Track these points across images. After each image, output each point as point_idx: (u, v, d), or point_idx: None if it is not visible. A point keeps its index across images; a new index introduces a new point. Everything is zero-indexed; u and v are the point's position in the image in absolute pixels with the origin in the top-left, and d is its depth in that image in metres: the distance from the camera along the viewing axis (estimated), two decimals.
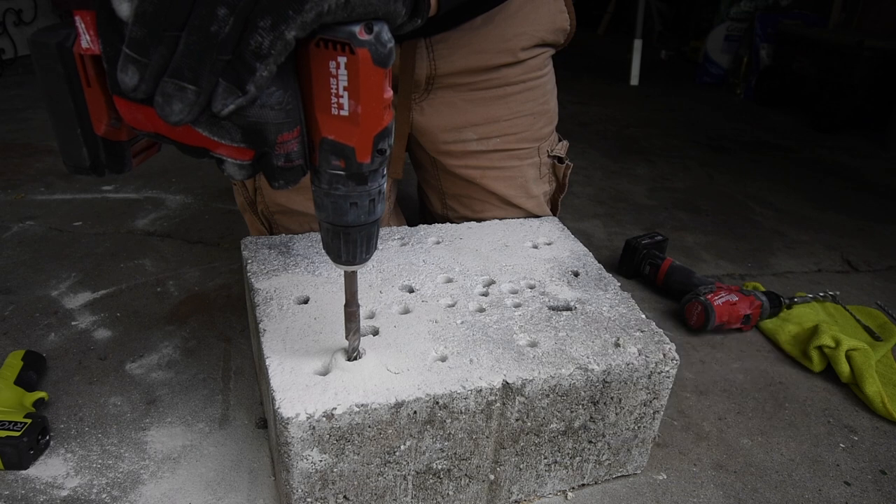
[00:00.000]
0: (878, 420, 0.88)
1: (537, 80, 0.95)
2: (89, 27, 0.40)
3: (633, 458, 0.73)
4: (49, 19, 2.45)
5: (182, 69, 0.37)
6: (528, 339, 0.67)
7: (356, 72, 0.41)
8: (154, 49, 0.37)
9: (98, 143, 0.45)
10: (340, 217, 0.48)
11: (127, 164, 0.48)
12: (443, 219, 1.05)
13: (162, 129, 0.42)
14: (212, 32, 0.36)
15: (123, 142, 0.46)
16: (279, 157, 0.43)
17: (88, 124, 0.44)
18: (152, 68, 0.38)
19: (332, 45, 0.40)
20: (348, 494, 0.60)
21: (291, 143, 0.43)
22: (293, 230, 0.93)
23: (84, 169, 0.46)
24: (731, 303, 1.02)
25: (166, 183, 1.49)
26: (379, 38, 0.40)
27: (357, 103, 0.42)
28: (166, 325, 0.97)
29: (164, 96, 0.38)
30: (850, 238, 1.46)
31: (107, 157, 0.46)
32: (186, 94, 0.38)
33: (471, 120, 0.93)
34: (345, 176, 0.45)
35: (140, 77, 0.38)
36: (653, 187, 1.70)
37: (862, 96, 2.25)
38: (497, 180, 0.97)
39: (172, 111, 0.38)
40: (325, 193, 0.47)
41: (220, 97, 0.38)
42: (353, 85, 0.41)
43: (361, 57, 0.40)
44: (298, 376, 0.59)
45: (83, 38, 0.41)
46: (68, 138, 0.45)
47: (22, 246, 1.18)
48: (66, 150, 0.45)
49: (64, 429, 0.76)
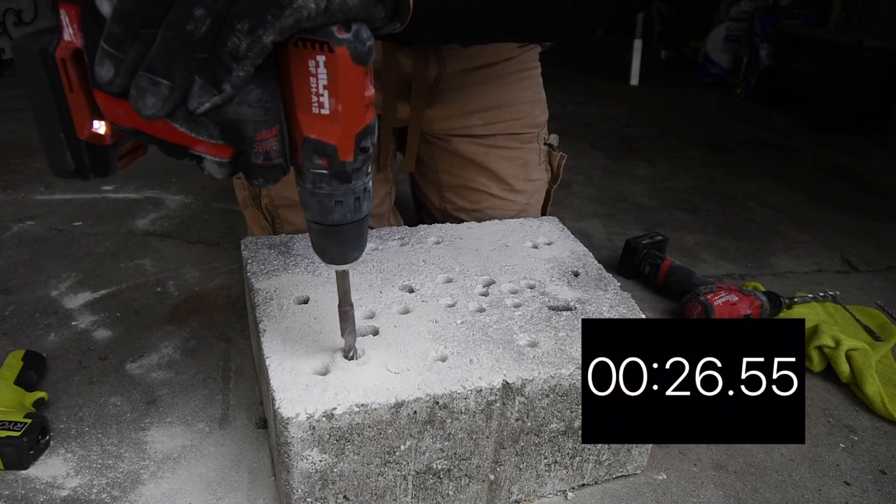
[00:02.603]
0: (878, 420, 0.88)
1: (531, 70, 1.03)
2: (73, 21, 0.40)
3: (633, 457, 0.73)
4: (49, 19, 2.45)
5: (156, 64, 0.38)
6: (528, 339, 0.67)
7: (335, 70, 0.41)
8: (130, 45, 0.38)
9: (82, 148, 0.45)
10: (326, 216, 0.48)
11: (111, 167, 0.48)
12: (441, 213, 1.06)
13: (140, 124, 0.43)
14: (188, 31, 0.37)
15: (108, 146, 0.47)
16: (258, 154, 0.43)
17: (72, 129, 0.44)
18: (127, 63, 0.38)
19: (311, 44, 0.40)
20: (348, 494, 0.60)
21: (270, 141, 0.43)
22: (297, 223, 0.94)
23: (68, 173, 0.46)
24: (731, 303, 1.02)
25: (166, 183, 1.49)
26: (358, 36, 0.41)
27: (338, 102, 0.42)
28: (166, 325, 0.97)
29: (138, 89, 0.38)
30: (850, 238, 1.46)
31: (91, 161, 0.46)
32: (160, 88, 0.38)
33: (476, 107, 0.98)
34: (328, 175, 0.45)
35: (115, 71, 0.39)
36: (653, 187, 1.70)
37: (862, 96, 2.25)
38: (501, 160, 1.01)
39: (146, 104, 0.39)
40: (310, 193, 0.47)
41: (195, 95, 0.39)
42: (332, 83, 0.41)
43: (340, 55, 0.40)
44: (298, 376, 0.59)
45: (66, 31, 0.41)
46: (52, 143, 0.45)
47: (22, 246, 1.18)
48: (51, 155, 0.46)
49: (64, 429, 0.76)
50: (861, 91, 2.24)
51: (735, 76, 2.87)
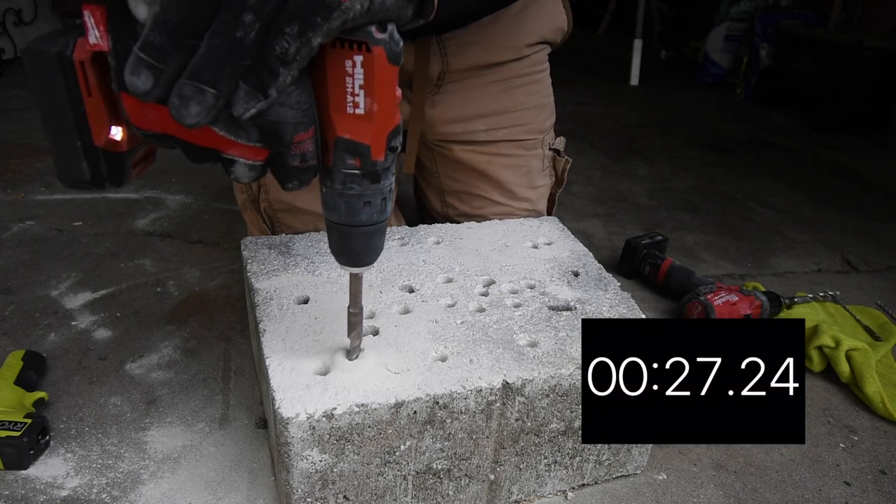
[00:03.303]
0: (878, 420, 0.88)
1: (539, 73, 1.00)
2: (99, 22, 0.39)
3: (633, 457, 0.73)
4: (49, 20, 2.45)
5: (202, 72, 0.37)
6: (528, 339, 0.67)
7: (372, 70, 0.41)
8: (173, 56, 0.37)
9: (98, 155, 0.44)
10: (353, 216, 0.48)
11: (127, 176, 0.47)
12: (443, 217, 1.06)
13: (172, 129, 0.42)
14: (237, 38, 0.36)
15: (124, 153, 0.46)
16: (295, 157, 0.43)
17: (88, 136, 0.43)
18: (168, 74, 0.37)
19: (349, 44, 0.40)
20: (348, 494, 0.60)
21: (307, 142, 0.43)
22: (296, 228, 0.93)
23: (84, 183, 0.45)
24: (731, 303, 1.02)
25: (166, 183, 1.49)
26: (392, 36, 0.41)
27: (373, 101, 0.42)
28: (166, 325, 0.97)
29: (181, 98, 0.38)
30: (850, 238, 1.46)
31: (107, 169, 0.45)
32: (205, 97, 0.37)
33: (479, 111, 0.96)
34: (360, 175, 0.45)
35: (154, 82, 0.38)
36: (653, 187, 1.70)
37: (862, 96, 2.25)
38: (504, 168, 0.99)
39: (189, 114, 0.38)
40: (339, 194, 0.46)
41: (241, 101, 0.38)
42: (369, 83, 0.41)
43: (377, 55, 0.40)
44: (298, 376, 0.59)
45: (91, 34, 0.40)
46: (67, 152, 0.44)
47: (22, 246, 1.18)
48: (64, 164, 0.44)
49: (64, 429, 0.76)
50: (861, 91, 2.24)
51: (735, 76, 2.86)
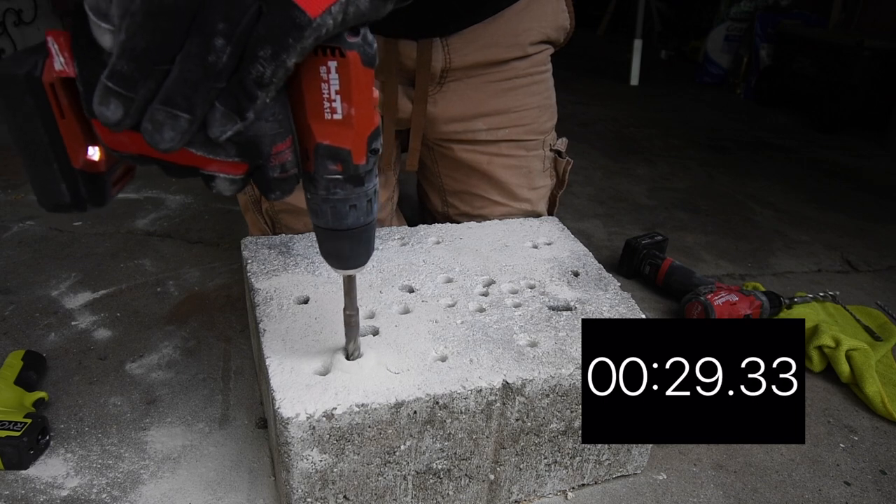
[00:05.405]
0: (878, 420, 0.88)
1: (542, 74, 0.99)
2: (63, 49, 0.38)
3: (633, 457, 0.73)
4: (49, 19, 2.45)
5: (175, 97, 0.36)
6: (528, 339, 0.67)
7: (347, 74, 0.41)
8: (143, 83, 0.36)
9: (77, 177, 0.43)
10: (340, 221, 0.48)
11: (107, 196, 0.46)
12: (443, 217, 1.06)
13: (147, 150, 0.41)
14: (209, 62, 0.36)
15: (103, 173, 0.44)
16: (274, 168, 0.42)
17: (65, 158, 0.42)
18: (139, 102, 0.37)
19: (322, 50, 0.40)
20: (348, 494, 0.60)
21: (285, 153, 0.43)
22: (297, 229, 0.93)
23: (64, 206, 0.44)
24: (731, 303, 1.02)
25: (166, 183, 1.49)
26: (365, 38, 0.41)
27: (350, 105, 0.42)
28: (166, 325, 0.97)
29: (154, 124, 0.37)
30: (850, 238, 1.46)
31: (87, 191, 0.44)
32: (179, 122, 0.37)
33: (481, 110, 0.96)
34: (343, 179, 0.45)
35: (125, 112, 0.37)
36: (653, 187, 1.70)
37: (862, 96, 2.25)
38: (504, 168, 0.99)
39: (163, 139, 0.37)
40: (323, 199, 0.46)
41: (217, 123, 0.38)
42: (345, 88, 0.41)
43: (352, 59, 0.40)
44: (298, 376, 0.59)
45: (56, 60, 0.39)
46: (44, 175, 0.42)
47: (22, 246, 1.18)
48: (43, 188, 0.43)
49: (64, 429, 0.76)
50: (861, 91, 2.24)
51: (735, 76, 2.87)
